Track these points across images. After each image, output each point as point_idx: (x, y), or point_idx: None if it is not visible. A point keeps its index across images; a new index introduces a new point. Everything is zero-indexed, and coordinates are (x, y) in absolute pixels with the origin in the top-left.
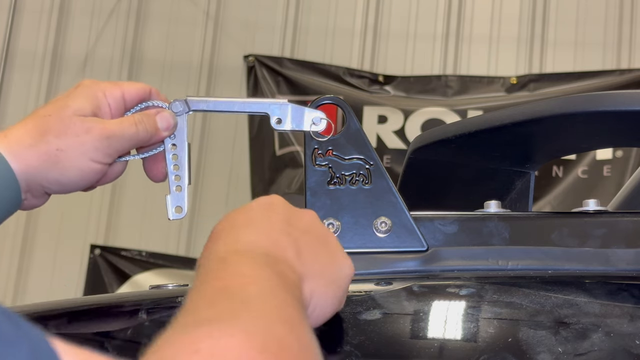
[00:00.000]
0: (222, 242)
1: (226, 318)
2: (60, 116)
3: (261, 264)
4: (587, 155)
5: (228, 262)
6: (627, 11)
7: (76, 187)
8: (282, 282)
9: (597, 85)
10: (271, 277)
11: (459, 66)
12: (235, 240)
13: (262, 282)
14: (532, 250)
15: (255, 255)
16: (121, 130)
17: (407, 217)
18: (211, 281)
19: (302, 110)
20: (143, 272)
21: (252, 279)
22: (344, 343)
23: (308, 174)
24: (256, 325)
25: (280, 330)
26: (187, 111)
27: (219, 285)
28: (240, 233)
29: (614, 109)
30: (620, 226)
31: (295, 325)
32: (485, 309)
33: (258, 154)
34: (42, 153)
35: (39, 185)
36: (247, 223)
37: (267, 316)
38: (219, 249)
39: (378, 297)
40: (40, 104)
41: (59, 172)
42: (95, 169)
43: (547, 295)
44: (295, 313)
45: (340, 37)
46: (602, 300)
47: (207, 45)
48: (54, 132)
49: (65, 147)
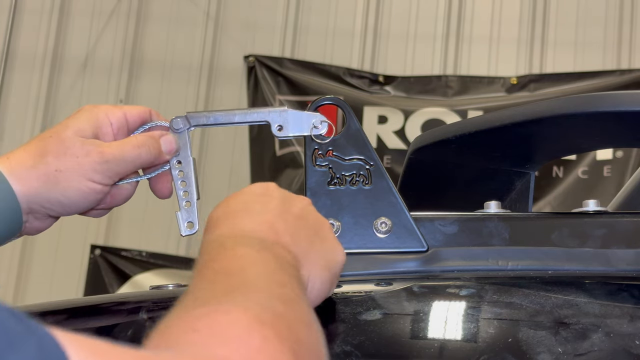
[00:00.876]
0: (219, 229)
1: (223, 297)
2: (61, 137)
3: (258, 248)
4: (587, 156)
5: (226, 246)
6: (627, 11)
7: (78, 208)
8: (279, 263)
9: (597, 86)
10: (268, 259)
11: (459, 66)
12: (232, 226)
13: (259, 264)
14: (532, 251)
15: (253, 239)
16: (121, 153)
17: (407, 217)
18: (210, 264)
19: (302, 115)
20: (143, 273)
21: (249, 261)
22: (344, 343)
23: (308, 174)
24: (252, 301)
25: (277, 305)
26: (189, 127)
27: (217, 268)
28: (237, 219)
29: (614, 109)
30: (620, 227)
31: (292, 301)
32: (485, 309)
33: (258, 154)
34: (42, 174)
35: (40, 206)
36: (243, 209)
37: (264, 293)
38: (217, 235)
39: (378, 297)
40: (40, 105)
41: (59, 192)
42: (95, 189)
43: (547, 296)
44: (292, 291)
45: (341, 37)
46: (602, 300)
47: (208, 46)
48: (54, 153)
49: (64, 168)
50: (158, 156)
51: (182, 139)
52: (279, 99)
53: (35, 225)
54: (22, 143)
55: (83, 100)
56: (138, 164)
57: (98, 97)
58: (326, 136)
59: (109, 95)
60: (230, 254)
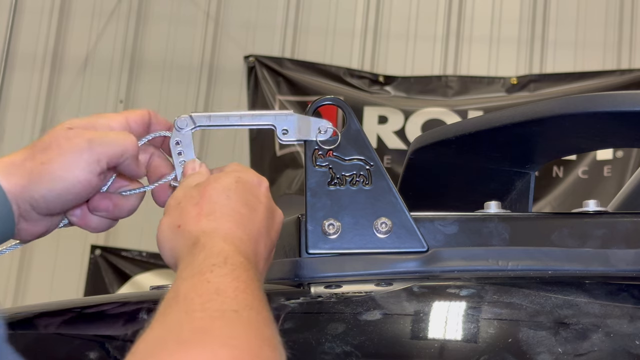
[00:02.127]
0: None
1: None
2: (51, 133)
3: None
4: (588, 156)
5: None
6: (627, 11)
7: (64, 203)
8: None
9: (597, 86)
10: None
11: (459, 66)
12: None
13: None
14: (532, 251)
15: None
16: (105, 135)
17: (407, 217)
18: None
19: (308, 120)
20: (143, 273)
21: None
22: (345, 343)
23: (308, 174)
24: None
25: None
26: (193, 128)
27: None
28: (202, 219)
29: (614, 109)
30: (620, 227)
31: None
32: (485, 309)
33: (258, 154)
34: (29, 169)
35: (28, 204)
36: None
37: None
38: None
39: (378, 297)
40: (40, 105)
41: (44, 186)
42: (80, 179)
43: (547, 296)
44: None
45: (341, 37)
46: (602, 300)
47: (208, 46)
48: (40, 147)
49: (49, 160)
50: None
51: (186, 140)
52: (279, 99)
53: (26, 227)
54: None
55: (83, 100)
56: (123, 148)
57: (98, 97)
58: (332, 139)
59: (109, 95)
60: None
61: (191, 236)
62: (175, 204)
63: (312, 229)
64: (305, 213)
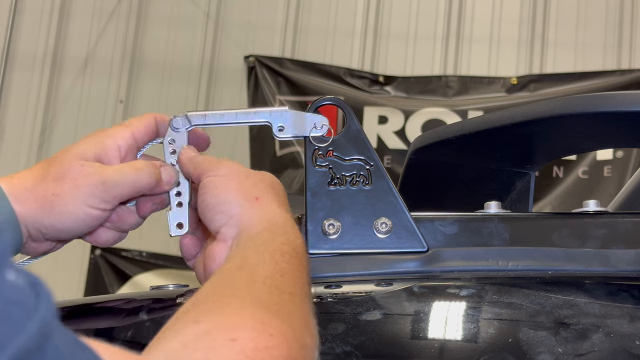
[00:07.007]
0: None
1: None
2: (62, 160)
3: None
4: (588, 156)
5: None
6: (627, 12)
7: (73, 234)
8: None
9: (597, 86)
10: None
11: (459, 67)
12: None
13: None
14: (533, 251)
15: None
16: (120, 175)
17: (407, 217)
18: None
19: (303, 115)
20: (144, 273)
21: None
22: (345, 343)
23: (308, 174)
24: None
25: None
26: (188, 127)
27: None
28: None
29: (614, 109)
30: (621, 227)
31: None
32: (485, 309)
33: (258, 154)
34: (40, 196)
35: (37, 230)
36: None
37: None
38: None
39: (378, 298)
40: (40, 106)
41: (55, 217)
42: (91, 215)
43: (547, 296)
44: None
45: (341, 37)
46: (602, 301)
47: (208, 46)
48: (53, 176)
49: (61, 192)
50: (157, 183)
51: (181, 138)
52: (279, 99)
53: (33, 246)
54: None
55: (83, 100)
56: (137, 188)
57: (98, 97)
58: (326, 137)
59: (109, 95)
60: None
61: (274, 214)
62: (244, 176)
63: (312, 229)
64: (305, 213)
